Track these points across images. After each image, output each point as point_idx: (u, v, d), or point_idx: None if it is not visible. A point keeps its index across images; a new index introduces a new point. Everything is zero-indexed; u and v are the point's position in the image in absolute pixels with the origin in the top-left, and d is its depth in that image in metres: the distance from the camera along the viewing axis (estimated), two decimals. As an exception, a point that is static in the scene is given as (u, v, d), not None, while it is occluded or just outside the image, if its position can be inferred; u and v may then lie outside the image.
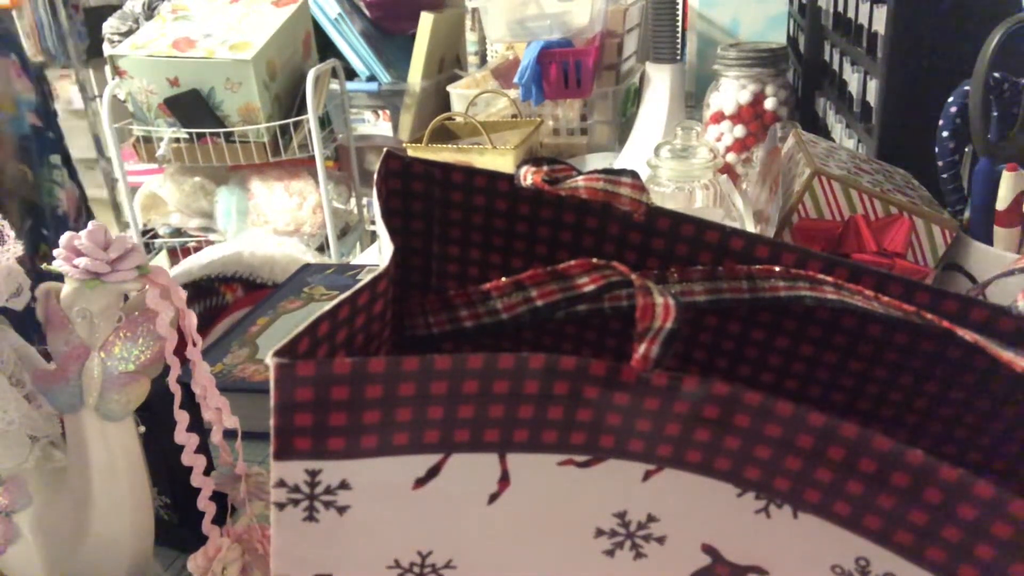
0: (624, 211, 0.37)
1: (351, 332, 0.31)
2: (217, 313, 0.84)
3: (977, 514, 0.25)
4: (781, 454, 0.28)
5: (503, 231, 0.42)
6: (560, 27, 1.22)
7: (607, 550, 0.31)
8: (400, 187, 0.41)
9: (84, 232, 0.37)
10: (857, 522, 0.28)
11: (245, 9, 1.68)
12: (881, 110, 0.76)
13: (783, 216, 0.65)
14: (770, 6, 1.30)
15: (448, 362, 0.26)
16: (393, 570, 0.30)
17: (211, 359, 0.65)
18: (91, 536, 0.40)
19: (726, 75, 1.05)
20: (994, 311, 0.36)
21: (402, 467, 0.28)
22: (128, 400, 0.39)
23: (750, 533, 0.30)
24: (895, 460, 0.26)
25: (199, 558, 0.41)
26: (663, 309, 0.27)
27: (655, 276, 0.38)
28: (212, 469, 0.42)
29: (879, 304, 0.31)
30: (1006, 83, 0.59)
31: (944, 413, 0.39)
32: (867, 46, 0.81)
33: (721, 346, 0.42)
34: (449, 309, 0.38)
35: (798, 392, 0.41)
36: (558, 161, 0.38)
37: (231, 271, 0.88)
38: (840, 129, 0.92)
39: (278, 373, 0.25)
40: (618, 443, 0.29)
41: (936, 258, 0.63)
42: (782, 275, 0.36)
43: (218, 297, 0.86)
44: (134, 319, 0.39)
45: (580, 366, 0.27)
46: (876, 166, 0.72)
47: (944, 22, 0.72)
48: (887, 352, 0.39)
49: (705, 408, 0.27)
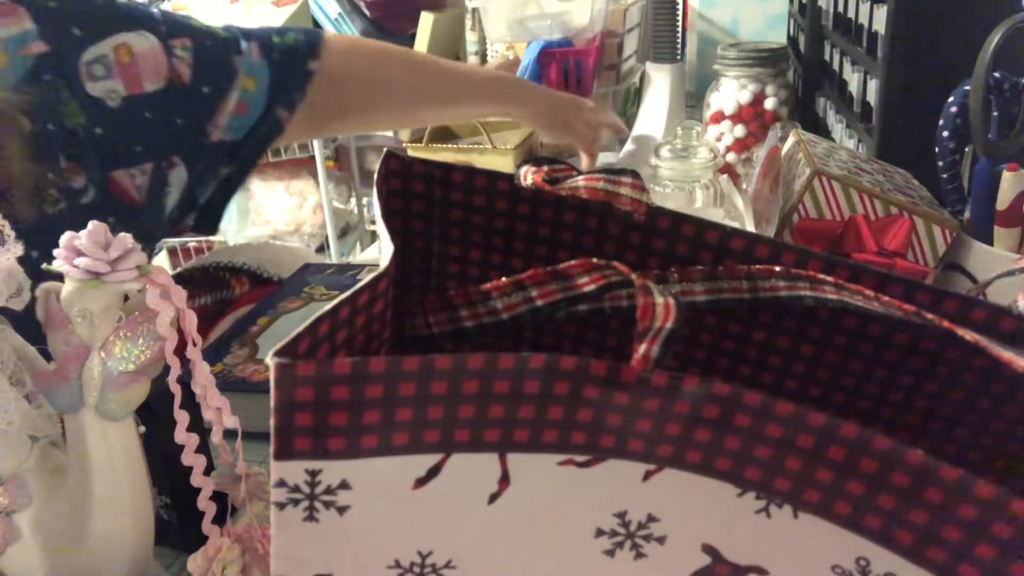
0: (624, 211, 0.37)
1: (351, 332, 0.31)
2: (225, 307, 0.84)
3: (977, 514, 0.25)
4: (781, 454, 0.28)
5: (503, 231, 0.42)
6: (560, 27, 1.22)
7: (607, 550, 0.31)
8: (400, 187, 0.41)
9: (84, 232, 0.37)
10: (857, 522, 0.28)
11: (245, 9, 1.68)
12: (881, 110, 0.76)
13: (783, 216, 0.65)
14: (770, 6, 1.30)
15: (448, 362, 0.26)
16: (393, 570, 0.30)
17: (211, 359, 0.65)
18: (91, 536, 0.40)
19: (726, 75, 1.05)
20: (994, 311, 0.36)
21: (402, 467, 0.28)
22: (128, 400, 0.39)
23: (750, 533, 0.30)
24: (895, 460, 0.26)
25: (199, 558, 0.40)
26: (663, 309, 0.27)
27: (655, 276, 0.38)
28: (212, 469, 0.42)
29: (879, 304, 0.31)
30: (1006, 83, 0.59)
31: (944, 413, 0.39)
32: (867, 46, 0.81)
33: (721, 346, 0.42)
34: (449, 309, 0.38)
35: (798, 392, 0.41)
36: (558, 161, 0.38)
37: (239, 261, 0.88)
38: (840, 129, 0.92)
39: (278, 373, 0.25)
40: (618, 443, 0.29)
41: (936, 258, 0.63)
42: (782, 275, 0.36)
43: (228, 290, 0.87)
44: (134, 319, 0.39)
45: (580, 366, 0.27)
46: (876, 166, 0.72)
47: (944, 22, 0.72)
48: (887, 352, 0.39)
49: (705, 408, 0.27)
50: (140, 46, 0.66)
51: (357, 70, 0.80)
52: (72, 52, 0.63)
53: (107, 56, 0.64)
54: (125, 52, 0.65)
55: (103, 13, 0.65)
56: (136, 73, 0.65)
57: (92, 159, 0.63)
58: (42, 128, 0.59)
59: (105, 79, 0.64)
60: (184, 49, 0.68)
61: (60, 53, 0.62)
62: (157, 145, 0.68)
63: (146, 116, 0.66)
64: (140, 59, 0.65)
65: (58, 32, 0.62)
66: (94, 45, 0.64)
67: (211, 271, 0.87)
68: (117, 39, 0.65)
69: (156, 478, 0.45)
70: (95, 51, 0.64)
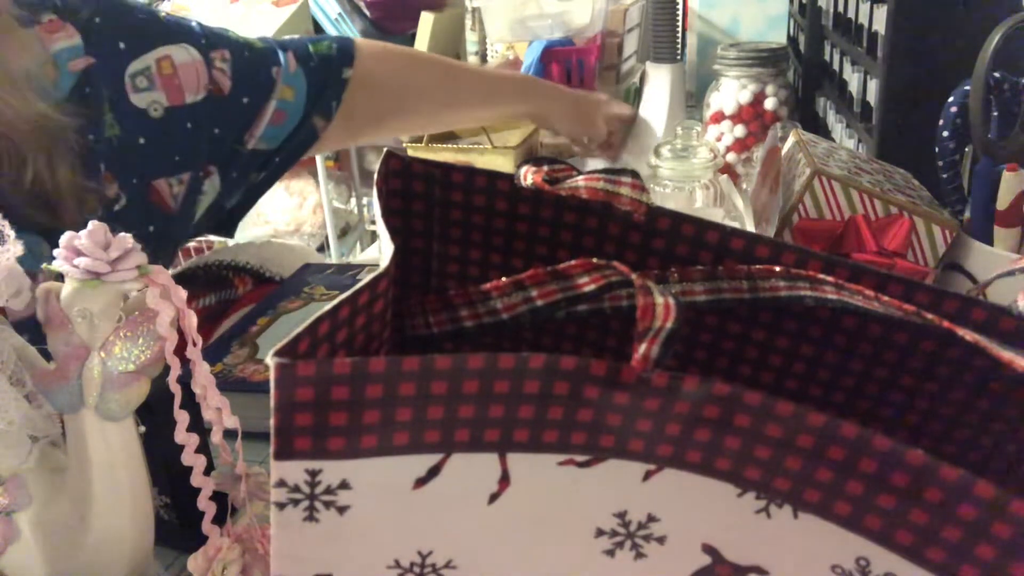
0: (624, 211, 0.37)
1: (351, 332, 0.31)
2: (228, 306, 0.84)
3: (977, 514, 0.25)
4: (781, 454, 0.28)
5: (503, 231, 0.42)
6: (561, 27, 1.22)
7: (607, 550, 0.31)
8: (400, 187, 0.41)
9: (84, 232, 0.37)
10: (857, 522, 0.28)
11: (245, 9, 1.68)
12: (881, 110, 0.76)
13: (783, 216, 0.65)
14: (770, 6, 1.30)
15: (448, 362, 0.26)
16: (393, 570, 0.30)
17: (211, 359, 0.65)
18: (91, 536, 0.40)
19: (726, 75, 1.05)
20: (994, 311, 0.36)
21: (402, 467, 0.28)
22: (128, 400, 0.39)
23: (750, 533, 0.30)
24: (895, 460, 0.26)
25: (199, 558, 0.40)
26: (663, 309, 0.27)
27: (655, 276, 0.38)
28: (212, 469, 0.42)
29: (879, 304, 0.31)
30: (1006, 83, 0.59)
31: (944, 413, 0.39)
32: (867, 46, 0.81)
33: (721, 346, 0.42)
34: (449, 309, 0.38)
35: (798, 392, 0.41)
36: (558, 161, 0.38)
37: (242, 260, 0.89)
38: (840, 129, 0.92)
39: (278, 373, 0.25)
40: (618, 443, 0.29)
41: (936, 258, 0.63)
42: (782, 275, 0.36)
43: (231, 290, 0.87)
44: (134, 319, 0.39)
45: (580, 366, 0.27)
46: (876, 166, 0.72)
47: (944, 22, 0.72)
48: (887, 352, 0.39)
49: (705, 408, 0.27)
50: (181, 58, 0.68)
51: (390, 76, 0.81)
52: (118, 65, 0.65)
53: (150, 68, 0.66)
54: (167, 64, 0.67)
55: (146, 27, 0.67)
56: (178, 84, 0.67)
57: (133, 168, 0.65)
58: (87, 141, 0.61)
59: (148, 90, 0.66)
60: (223, 61, 0.70)
61: (106, 66, 0.64)
62: (196, 154, 0.70)
63: (187, 127, 0.68)
64: (181, 71, 0.68)
65: (104, 46, 0.64)
66: (138, 58, 0.66)
67: (213, 270, 0.88)
68: (160, 52, 0.67)
69: (156, 478, 0.45)
70: (139, 64, 0.66)
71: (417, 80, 0.84)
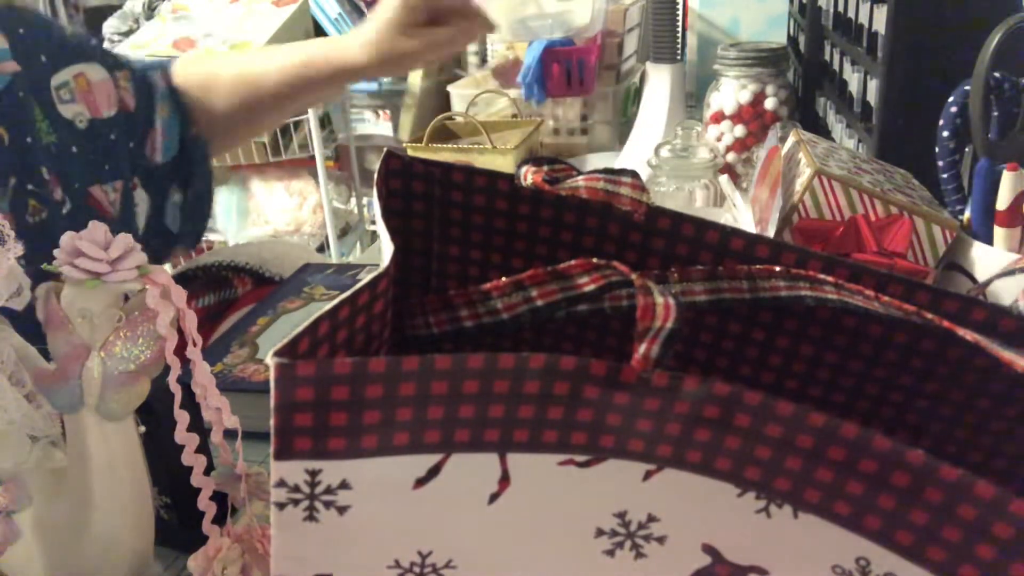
0: (624, 211, 0.37)
1: (351, 332, 0.31)
2: (228, 306, 0.84)
3: (977, 514, 0.25)
4: (781, 454, 0.28)
5: (503, 231, 0.42)
6: (561, 26, 1.22)
7: (607, 550, 0.31)
8: (400, 187, 0.41)
9: (84, 232, 0.37)
10: (857, 522, 0.28)
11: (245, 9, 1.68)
12: (881, 110, 0.76)
13: (783, 216, 0.65)
14: (770, 6, 1.30)
15: (448, 362, 0.26)
16: (393, 570, 0.30)
17: (211, 359, 0.65)
18: (91, 536, 0.40)
19: (726, 75, 1.05)
20: (994, 311, 0.36)
21: (402, 467, 0.28)
22: (128, 400, 0.39)
23: (750, 533, 0.30)
24: (895, 460, 0.26)
25: (199, 558, 0.40)
26: (663, 309, 0.27)
27: (655, 276, 0.38)
28: (212, 469, 0.42)
29: (879, 304, 0.31)
30: (1006, 83, 0.59)
31: (944, 413, 0.39)
32: (867, 46, 0.81)
33: (721, 346, 0.42)
34: (449, 309, 0.38)
35: (799, 392, 0.41)
36: (558, 161, 0.38)
37: (242, 260, 0.89)
38: (840, 129, 0.92)
39: (278, 373, 0.25)
40: (618, 443, 0.29)
41: (936, 258, 0.63)
42: (782, 275, 0.36)
43: (231, 290, 0.87)
44: (134, 319, 0.39)
45: (580, 366, 0.27)
46: (876, 166, 0.71)
47: (944, 22, 0.72)
48: (887, 352, 0.39)
49: (705, 408, 0.27)
50: (94, 76, 0.72)
51: (192, 80, 0.82)
52: (42, 75, 0.68)
53: (70, 83, 0.70)
54: (83, 81, 0.71)
55: (63, 44, 0.71)
56: (94, 100, 0.71)
57: (73, 174, 0.68)
58: (21, 140, 0.63)
59: (72, 103, 0.69)
60: (126, 80, 0.75)
61: (30, 75, 0.66)
62: (120, 165, 0.73)
63: (111, 137, 0.72)
64: (95, 88, 0.72)
65: (28, 57, 0.66)
66: (59, 72, 0.69)
67: (213, 270, 0.88)
68: (75, 68, 0.70)
69: (156, 478, 0.45)
70: (61, 77, 0.69)
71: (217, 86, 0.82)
